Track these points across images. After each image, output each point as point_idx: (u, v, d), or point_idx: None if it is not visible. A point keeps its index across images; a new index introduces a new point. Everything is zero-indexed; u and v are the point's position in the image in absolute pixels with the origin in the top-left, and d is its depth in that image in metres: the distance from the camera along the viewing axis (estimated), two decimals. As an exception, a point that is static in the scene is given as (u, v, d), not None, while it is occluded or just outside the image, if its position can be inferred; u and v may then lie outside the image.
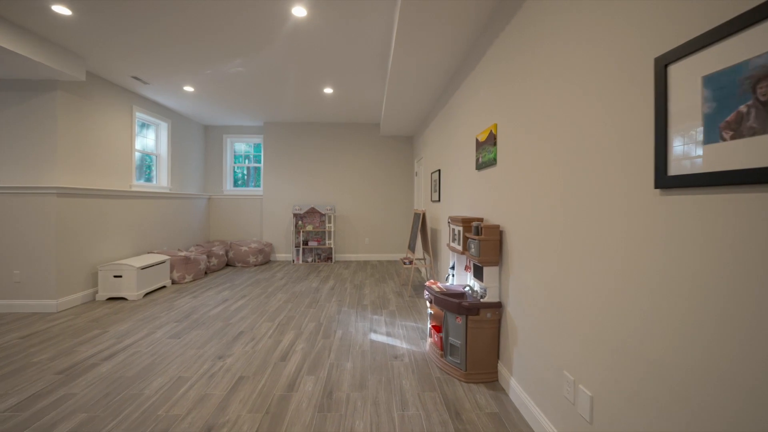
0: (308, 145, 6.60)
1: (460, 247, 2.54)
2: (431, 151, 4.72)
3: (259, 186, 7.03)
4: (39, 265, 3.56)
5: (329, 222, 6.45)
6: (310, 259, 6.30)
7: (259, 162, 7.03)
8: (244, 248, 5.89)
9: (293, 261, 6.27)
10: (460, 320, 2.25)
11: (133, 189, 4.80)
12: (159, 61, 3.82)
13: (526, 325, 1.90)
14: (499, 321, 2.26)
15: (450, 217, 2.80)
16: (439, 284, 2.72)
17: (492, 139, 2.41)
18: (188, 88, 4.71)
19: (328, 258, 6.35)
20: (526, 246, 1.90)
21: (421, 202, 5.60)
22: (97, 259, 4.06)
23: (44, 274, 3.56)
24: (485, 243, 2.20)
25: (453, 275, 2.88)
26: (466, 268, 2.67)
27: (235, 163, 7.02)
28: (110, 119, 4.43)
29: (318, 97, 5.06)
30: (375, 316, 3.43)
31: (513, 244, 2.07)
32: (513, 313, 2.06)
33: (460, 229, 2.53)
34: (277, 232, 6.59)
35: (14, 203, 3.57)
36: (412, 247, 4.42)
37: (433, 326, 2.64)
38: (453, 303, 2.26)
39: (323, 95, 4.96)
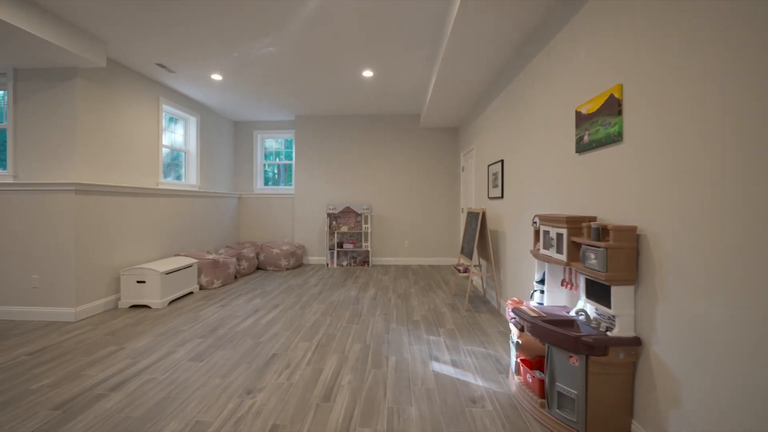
0: (343, 139, 6.09)
1: (562, 257, 1.88)
2: (488, 140, 4.05)
3: (289, 185, 6.61)
4: (57, 270, 3.24)
5: (365, 222, 5.91)
6: (345, 263, 5.78)
7: (290, 159, 6.61)
8: (275, 251, 5.46)
9: (327, 265, 5.78)
10: (576, 361, 1.59)
11: (160, 187, 4.47)
12: (183, 43, 3.41)
13: (701, 379, 1.22)
14: (635, 364, 1.57)
15: (540, 216, 2.13)
16: (527, 304, 2.07)
17: (612, 107, 1.73)
18: (216, 77, 4.32)
19: (365, 262, 5.81)
20: (698, 257, 1.22)
21: (471, 199, 4.93)
22: (121, 263, 3.72)
23: (63, 280, 3.23)
24: (615, 252, 1.53)
25: (541, 292, 2.21)
26: (566, 284, 2.00)
27: (265, 160, 6.65)
28: (135, 112, 4.10)
29: (355, 82, 4.51)
30: (432, 337, 2.81)
31: (665, 254, 1.38)
32: (668, 355, 1.38)
33: (563, 231, 1.87)
34: (310, 234, 6.13)
35: (31, 201, 3.27)
36: (468, 252, 3.77)
37: (522, 361, 1.99)
38: (564, 336, 1.60)
39: (361, 79, 4.41)
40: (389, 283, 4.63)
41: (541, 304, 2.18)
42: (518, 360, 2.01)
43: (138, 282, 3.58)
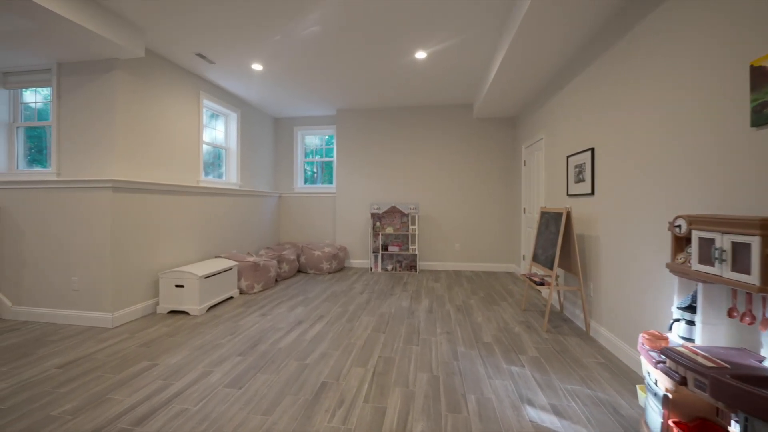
0: (387, 133, 5.63)
1: (748, 278, 1.26)
2: (565, 127, 3.39)
3: (328, 183, 6.26)
4: (95, 272, 3.05)
5: (412, 224, 5.40)
6: (390, 267, 5.32)
7: (330, 156, 6.26)
8: (317, 253, 5.11)
9: (371, 269, 5.35)
10: (814, 451, 0.98)
11: (201, 185, 4.26)
12: (223, 28, 3.10)
13: None
14: None
15: (691, 218, 1.52)
16: (677, 342, 1.46)
17: None
18: (256, 66, 4.02)
19: (412, 266, 5.31)
20: None
21: (537, 197, 4.27)
22: (160, 265, 3.50)
23: (100, 283, 3.04)
24: None
25: (689, 323, 1.58)
26: (744, 317, 1.37)
27: (305, 157, 6.35)
28: (176, 106, 3.90)
29: (405, 66, 4.03)
30: (514, 368, 2.25)
31: None
32: None
33: (751, 240, 1.25)
34: (352, 235, 5.73)
35: (70, 199, 3.11)
36: (545, 261, 3.14)
37: (676, 424, 1.39)
38: (791, 408, 1.00)
39: (412, 63, 3.91)
40: (443, 293, 4.09)
41: (690, 340, 1.56)
42: (669, 422, 1.41)
43: (176, 286, 3.33)
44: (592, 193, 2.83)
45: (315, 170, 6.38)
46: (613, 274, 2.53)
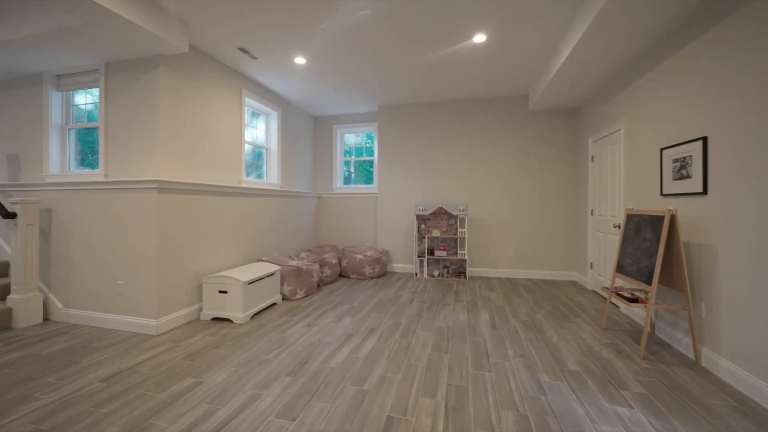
0: (433, 129, 5.26)
1: None
2: (662, 113, 2.87)
3: (365, 183, 5.98)
4: (140, 276, 2.93)
5: (461, 226, 5.00)
6: (436, 273, 4.94)
7: (370, 155, 5.98)
8: (359, 257, 4.84)
9: (416, 274, 5.00)
10: None
11: (243, 185, 4.11)
12: (267, 18, 2.88)
13: None
14: None
15: None
16: None
17: None
18: (300, 60, 3.80)
19: (460, 273, 4.89)
20: None
21: (611, 196, 3.73)
22: (204, 269, 3.36)
23: (145, 287, 2.91)
24: None
25: None
26: None
27: (344, 157, 6.12)
28: (218, 104, 3.76)
29: (460, 52, 3.65)
30: (619, 408, 1.82)
31: None
32: None
33: None
34: (394, 237, 5.41)
35: (116, 201, 3.01)
36: (638, 273, 2.64)
37: None
38: None
39: (469, 48, 3.53)
40: (502, 304, 3.67)
41: None
42: None
43: (220, 292, 3.16)
44: (704, 192, 2.32)
45: (351, 170, 6.13)
46: (739, 294, 2.02)
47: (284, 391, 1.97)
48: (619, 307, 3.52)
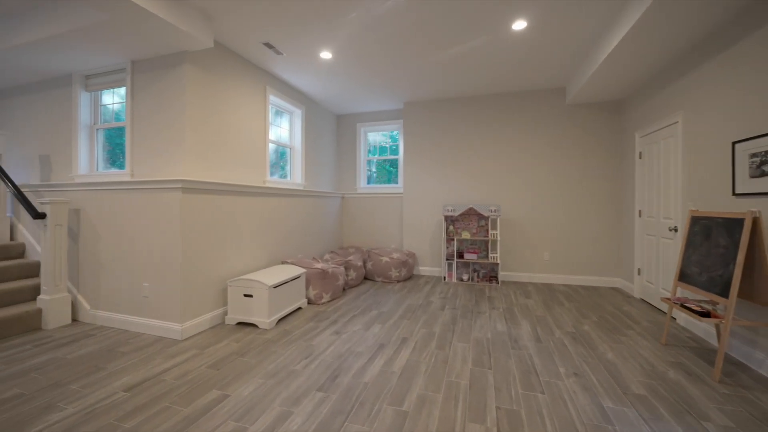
0: (461, 126, 5.01)
1: None
2: (735, 102, 2.53)
3: (385, 183, 5.79)
4: (165, 278, 2.85)
5: (493, 228, 4.73)
6: (465, 277, 4.69)
7: (394, 154, 5.78)
8: (384, 259, 4.66)
9: (444, 278, 4.76)
10: None
11: (267, 185, 4.01)
12: (294, 10, 2.74)
13: None
14: None
15: None
16: None
17: None
18: (325, 55, 3.65)
19: (492, 277, 4.63)
20: None
21: (665, 197, 3.38)
22: (228, 271, 3.26)
23: (170, 289, 2.83)
24: None
25: None
26: None
27: (368, 156, 5.95)
28: (242, 102, 3.66)
29: (495, 42, 3.40)
30: (707, 445, 1.55)
31: None
32: None
33: None
34: (420, 239, 5.20)
35: (141, 201, 2.95)
36: (705, 284, 2.33)
37: None
38: None
39: (506, 36, 3.28)
40: (542, 313, 3.39)
41: None
42: None
43: (245, 296, 3.05)
44: (796, 190, 1.99)
45: (371, 170, 5.95)
46: None
47: (316, 410, 1.81)
48: (675, 318, 3.18)
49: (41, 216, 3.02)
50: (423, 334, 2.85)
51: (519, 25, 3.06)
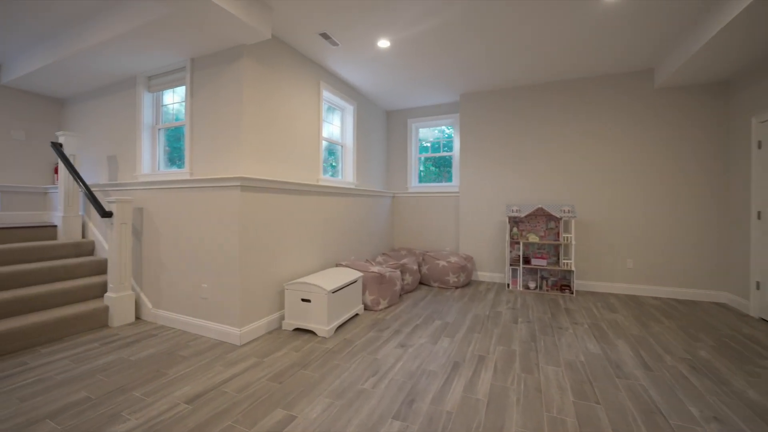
0: (527, 117, 4.55)
1: None
2: None
3: (442, 182, 5.42)
4: (223, 279, 2.74)
5: (566, 230, 4.21)
6: (532, 285, 4.22)
7: (447, 150, 5.42)
8: (441, 263, 4.32)
9: (508, 285, 4.33)
10: None
11: (321, 183, 3.84)
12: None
13: None
14: None
15: None
16: None
17: None
18: (383, 43, 3.39)
19: (565, 286, 4.11)
20: None
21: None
22: (284, 274, 3.11)
23: (228, 292, 2.71)
24: None
25: None
26: None
27: (419, 153, 5.64)
28: (297, 97, 3.52)
29: (583, 17, 2.94)
30: None
31: None
32: None
33: None
34: (479, 242, 4.79)
35: (199, 200, 2.87)
36: None
37: None
38: None
39: (591, 11, 2.81)
40: (638, 331, 2.88)
41: None
42: None
43: (303, 300, 2.87)
44: None
45: (420, 168, 5.61)
46: None
47: (397, 444, 1.53)
48: (824, 347, 2.53)
49: (108, 215, 3.05)
50: (501, 352, 2.48)
51: (615, -8, 2.60)
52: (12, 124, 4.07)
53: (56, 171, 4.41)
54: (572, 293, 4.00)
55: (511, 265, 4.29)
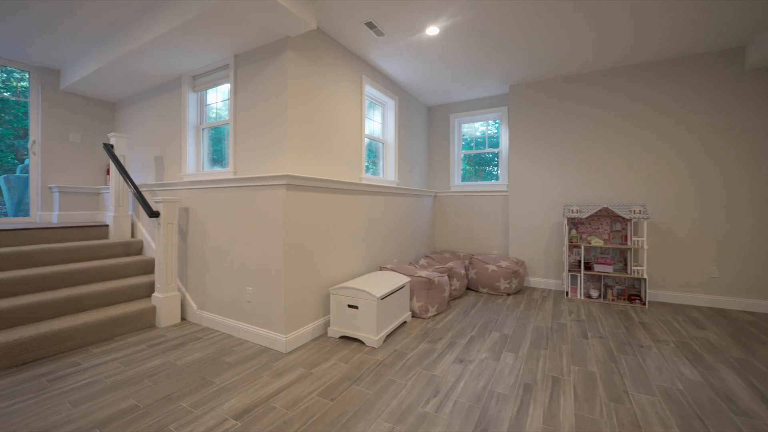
0: (586, 108, 4.11)
1: None
2: None
3: (486, 179, 5.07)
4: (268, 282, 2.61)
5: (636, 233, 3.75)
6: (594, 294, 3.80)
7: (493, 147, 5.06)
8: (491, 267, 4.01)
9: (566, 293, 3.93)
10: None
11: (363, 182, 3.66)
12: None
13: None
14: None
15: None
16: None
17: None
18: (432, 30, 3.14)
19: (634, 296, 3.66)
20: None
21: None
22: (329, 277, 2.95)
23: (273, 296, 2.58)
24: None
25: None
26: None
27: (462, 150, 5.33)
28: (339, 92, 3.35)
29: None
30: None
31: None
32: None
33: None
34: (531, 245, 4.41)
35: (243, 199, 2.76)
36: None
37: None
38: None
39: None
40: (740, 354, 2.43)
41: None
42: None
43: (349, 306, 2.69)
44: None
45: (463, 167, 5.29)
46: None
47: (476, 489, 1.29)
48: None
49: (156, 214, 3.04)
50: (578, 373, 2.16)
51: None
52: (70, 127, 4.23)
53: (108, 172, 4.55)
54: (644, 304, 3.54)
55: (570, 270, 3.89)
